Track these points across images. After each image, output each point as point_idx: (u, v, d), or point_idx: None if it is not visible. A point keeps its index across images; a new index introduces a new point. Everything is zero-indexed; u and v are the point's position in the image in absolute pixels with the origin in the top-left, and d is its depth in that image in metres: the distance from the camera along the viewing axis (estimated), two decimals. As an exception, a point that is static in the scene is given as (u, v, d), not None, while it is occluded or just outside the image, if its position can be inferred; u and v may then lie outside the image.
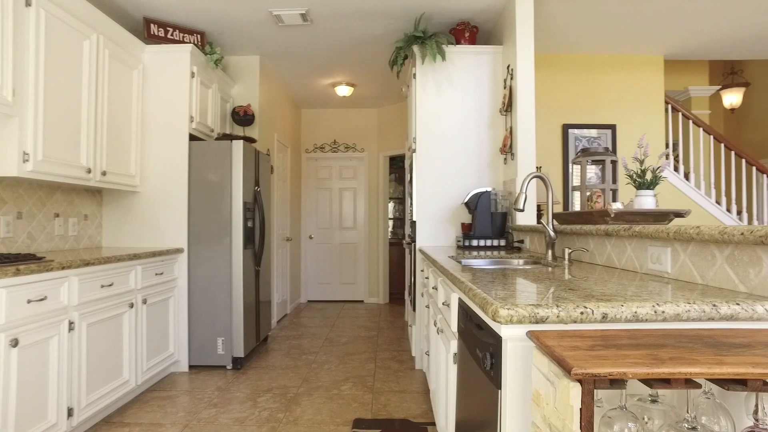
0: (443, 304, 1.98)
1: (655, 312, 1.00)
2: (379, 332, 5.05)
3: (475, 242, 3.36)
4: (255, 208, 4.08)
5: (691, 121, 4.98)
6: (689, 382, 0.78)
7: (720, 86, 6.16)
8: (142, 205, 3.73)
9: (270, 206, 4.96)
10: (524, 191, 2.22)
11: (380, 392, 3.26)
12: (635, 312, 1.00)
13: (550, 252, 2.29)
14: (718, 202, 4.97)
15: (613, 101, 4.82)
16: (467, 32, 3.81)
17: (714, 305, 1.01)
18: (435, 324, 2.34)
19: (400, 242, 7.50)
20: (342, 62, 4.99)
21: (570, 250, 2.05)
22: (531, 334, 0.95)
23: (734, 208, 4.96)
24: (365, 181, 7.08)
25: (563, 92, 4.81)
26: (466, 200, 3.48)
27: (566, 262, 2.05)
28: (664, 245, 1.51)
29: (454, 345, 1.77)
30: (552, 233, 2.24)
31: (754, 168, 5.02)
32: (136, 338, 3.09)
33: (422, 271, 3.49)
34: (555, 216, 2.51)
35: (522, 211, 2.19)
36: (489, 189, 3.46)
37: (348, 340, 4.71)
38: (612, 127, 4.77)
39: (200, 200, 3.76)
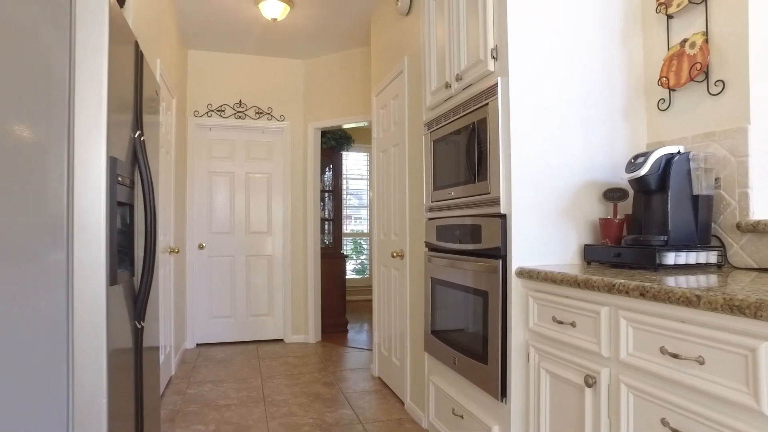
0: None
1: None
2: (355, 408, 2.96)
3: (671, 257, 1.54)
4: (135, 182, 1.75)
5: None
6: None
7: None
8: None
9: (155, 188, 2.60)
10: None
11: None
12: None
13: None
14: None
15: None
16: None
17: None
18: None
19: (331, 253, 5.40)
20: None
21: None
22: None
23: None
24: (287, 163, 4.87)
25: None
26: (644, 172, 1.64)
27: None
28: None
29: None
30: None
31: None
32: None
33: (561, 323, 1.57)
34: None
35: None
36: (680, 149, 1.68)
37: (312, 439, 2.55)
38: None
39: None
